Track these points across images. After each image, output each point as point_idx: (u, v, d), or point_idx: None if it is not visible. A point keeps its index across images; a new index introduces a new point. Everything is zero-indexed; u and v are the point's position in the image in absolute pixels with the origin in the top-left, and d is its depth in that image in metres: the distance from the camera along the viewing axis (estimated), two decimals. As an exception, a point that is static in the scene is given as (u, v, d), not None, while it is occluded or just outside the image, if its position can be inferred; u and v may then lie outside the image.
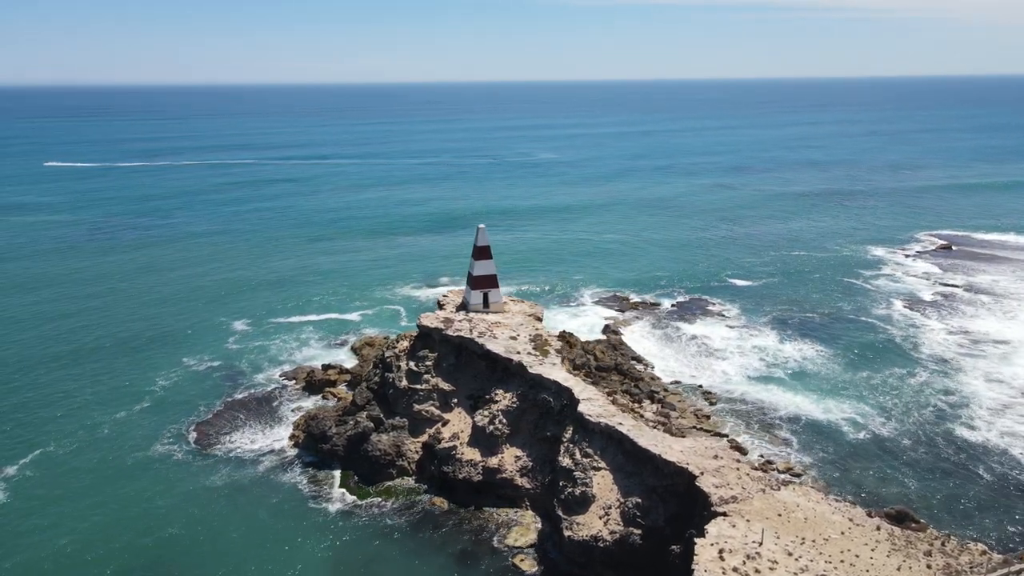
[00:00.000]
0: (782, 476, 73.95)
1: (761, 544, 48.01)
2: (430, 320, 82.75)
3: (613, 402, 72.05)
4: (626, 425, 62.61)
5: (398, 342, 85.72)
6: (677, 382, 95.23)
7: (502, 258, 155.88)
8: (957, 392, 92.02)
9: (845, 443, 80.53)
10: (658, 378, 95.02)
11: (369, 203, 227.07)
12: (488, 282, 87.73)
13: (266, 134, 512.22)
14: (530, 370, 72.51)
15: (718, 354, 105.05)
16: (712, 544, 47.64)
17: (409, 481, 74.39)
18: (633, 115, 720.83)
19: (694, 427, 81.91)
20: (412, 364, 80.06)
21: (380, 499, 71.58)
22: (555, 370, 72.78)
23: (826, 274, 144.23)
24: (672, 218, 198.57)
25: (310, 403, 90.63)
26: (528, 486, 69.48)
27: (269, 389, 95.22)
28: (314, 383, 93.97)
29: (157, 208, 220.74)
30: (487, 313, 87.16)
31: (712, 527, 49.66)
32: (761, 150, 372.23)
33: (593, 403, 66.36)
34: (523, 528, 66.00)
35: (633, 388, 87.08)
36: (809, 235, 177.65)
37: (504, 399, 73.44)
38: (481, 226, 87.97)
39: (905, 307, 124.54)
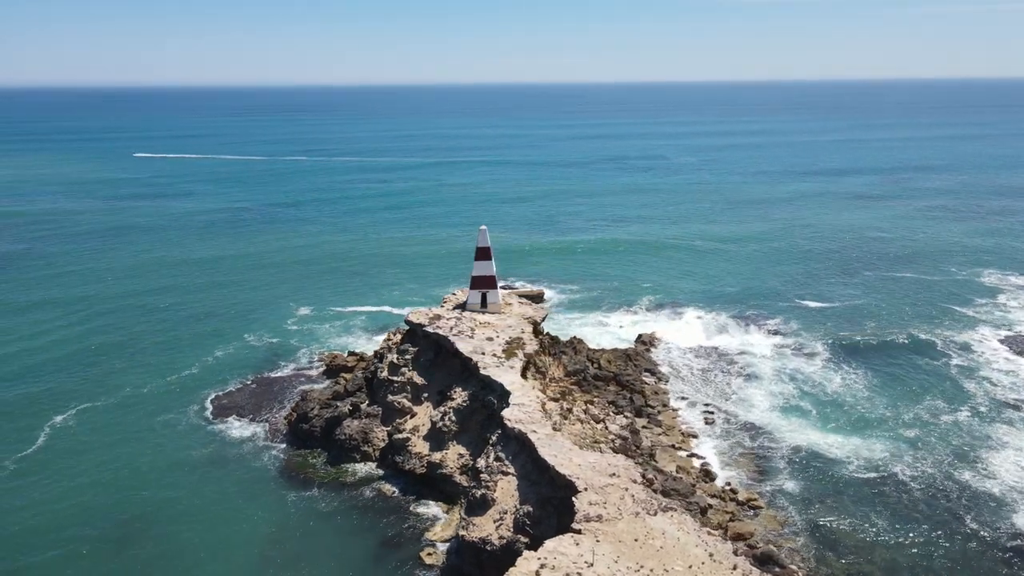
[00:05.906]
0: (746, 506, 69.79)
1: (591, 566, 46.53)
2: (417, 316, 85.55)
3: (577, 411, 71.31)
4: (539, 433, 62.03)
5: (394, 335, 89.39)
6: (685, 398, 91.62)
7: (575, 266, 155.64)
8: (998, 442, 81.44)
9: (837, 480, 74.07)
10: (664, 393, 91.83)
11: (481, 206, 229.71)
12: (486, 283, 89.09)
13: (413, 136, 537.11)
14: (483, 371, 73.34)
15: (751, 376, 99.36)
16: (537, 559, 46.82)
17: (371, 467, 77.65)
18: (847, 120, 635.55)
19: (672, 446, 78.85)
20: (395, 357, 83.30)
21: (337, 482, 75.29)
22: (508, 372, 73.07)
23: (922, 297, 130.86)
24: (789, 236, 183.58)
25: (322, 386, 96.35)
26: (465, 484, 70.36)
27: (296, 370, 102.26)
28: (333, 367, 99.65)
29: (287, 199, 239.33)
30: (482, 313, 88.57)
31: (551, 542, 48.69)
32: (989, 165, 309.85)
33: (521, 408, 66.19)
34: (446, 524, 67.21)
35: (621, 400, 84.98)
36: (929, 255, 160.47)
37: (459, 397, 74.82)
38: (483, 227, 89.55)
39: (999, 341, 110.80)
